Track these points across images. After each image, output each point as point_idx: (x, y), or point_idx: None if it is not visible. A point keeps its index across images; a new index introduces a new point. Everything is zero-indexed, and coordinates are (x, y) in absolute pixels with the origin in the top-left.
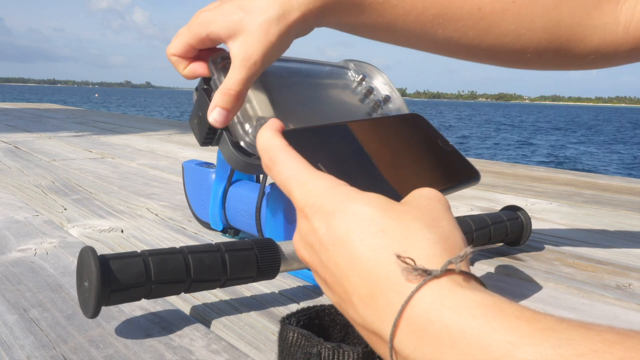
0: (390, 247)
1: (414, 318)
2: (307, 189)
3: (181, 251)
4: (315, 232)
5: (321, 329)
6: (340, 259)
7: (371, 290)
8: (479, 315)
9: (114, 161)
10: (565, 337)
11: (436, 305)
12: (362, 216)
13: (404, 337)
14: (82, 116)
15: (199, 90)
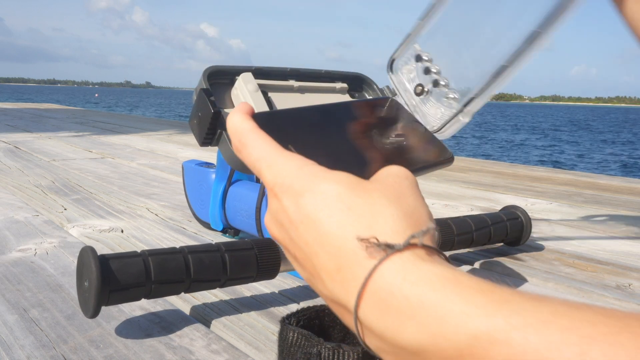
0: (356, 224)
1: (377, 290)
2: (276, 169)
3: (181, 251)
4: (284, 211)
5: (321, 329)
6: (309, 237)
7: (338, 265)
8: (438, 288)
9: (114, 161)
10: (516, 308)
11: (398, 279)
12: (329, 194)
13: (368, 309)
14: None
15: (199, 91)
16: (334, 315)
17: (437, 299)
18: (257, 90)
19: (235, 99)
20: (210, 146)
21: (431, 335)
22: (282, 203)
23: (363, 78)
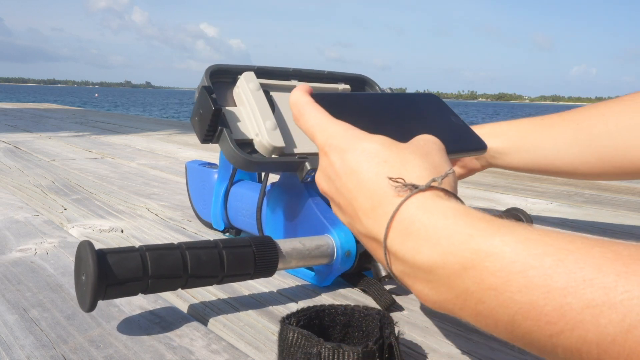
0: (389, 171)
1: (401, 221)
2: (327, 132)
3: (179, 247)
4: (332, 165)
5: (321, 329)
6: (350, 184)
7: (372, 204)
8: (449, 216)
9: (114, 161)
10: (511, 231)
11: (419, 211)
12: (369, 150)
13: (394, 237)
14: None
15: (200, 88)
16: (334, 315)
17: (448, 224)
18: (258, 89)
19: (237, 98)
20: (211, 143)
21: (441, 254)
22: (330, 159)
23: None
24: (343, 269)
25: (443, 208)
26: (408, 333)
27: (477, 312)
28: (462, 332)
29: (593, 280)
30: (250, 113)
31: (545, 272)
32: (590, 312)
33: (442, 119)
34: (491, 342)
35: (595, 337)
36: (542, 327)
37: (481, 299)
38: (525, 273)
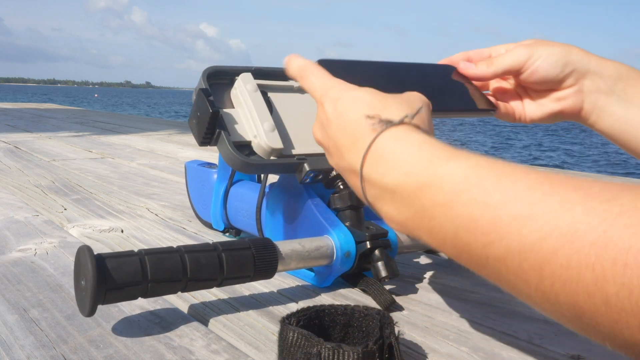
0: (369, 111)
1: (375, 150)
2: (325, 86)
3: (178, 250)
4: (325, 114)
5: (321, 329)
6: (338, 127)
7: (353, 141)
8: (415, 145)
9: (114, 161)
10: (466, 157)
11: (390, 141)
12: (356, 97)
13: (368, 164)
14: (82, 116)
15: (198, 90)
16: (334, 315)
17: (413, 151)
18: (256, 91)
19: (235, 99)
20: (209, 145)
21: (404, 174)
22: (325, 108)
23: None
24: (343, 269)
25: (411, 139)
26: (408, 333)
27: (430, 229)
28: (462, 332)
29: (523, 197)
30: (248, 115)
31: (484, 189)
32: (516, 224)
33: (454, 84)
34: (491, 343)
35: (517, 245)
36: (478, 238)
37: (433, 215)
38: (469, 191)
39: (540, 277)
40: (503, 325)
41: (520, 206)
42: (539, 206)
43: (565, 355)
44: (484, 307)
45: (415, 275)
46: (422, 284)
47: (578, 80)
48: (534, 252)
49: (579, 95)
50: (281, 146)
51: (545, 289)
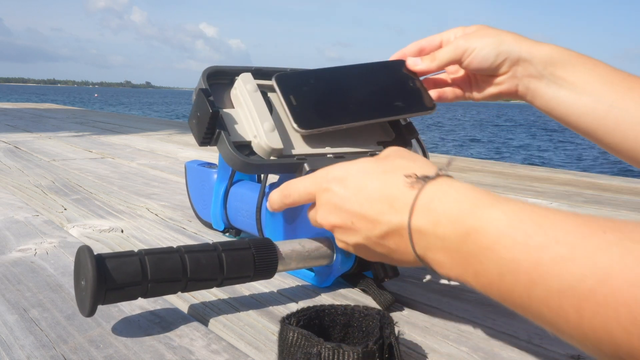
0: (392, 177)
1: (421, 203)
2: (314, 179)
3: (178, 250)
4: (336, 195)
5: (321, 329)
6: (361, 200)
7: (390, 203)
8: (460, 192)
9: (114, 161)
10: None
11: (435, 192)
12: (365, 170)
13: (417, 217)
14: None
15: (198, 91)
16: (334, 315)
17: (459, 198)
18: (256, 91)
19: (235, 99)
20: (209, 146)
21: (453, 222)
22: (333, 190)
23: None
24: (343, 269)
25: (454, 187)
26: (408, 333)
27: (476, 273)
28: (462, 332)
29: (562, 240)
30: (248, 115)
31: (527, 233)
32: (557, 265)
33: (400, 84)
34: (491, 343)
35: (558, 286)
36: (521, 280)
37: (479, 260)
38: (512, 235)
39: (580, 315)
40: (503, 325)
41: (560, 248)
42: (578, 248)
43: (565, 355)
44: (484, 307)
45: (415, 275)
46: (422, 284)
47: (511, 67)
48: (573, 292)
49: (513, 80)
50: (281, 146)
51: (584, 327)
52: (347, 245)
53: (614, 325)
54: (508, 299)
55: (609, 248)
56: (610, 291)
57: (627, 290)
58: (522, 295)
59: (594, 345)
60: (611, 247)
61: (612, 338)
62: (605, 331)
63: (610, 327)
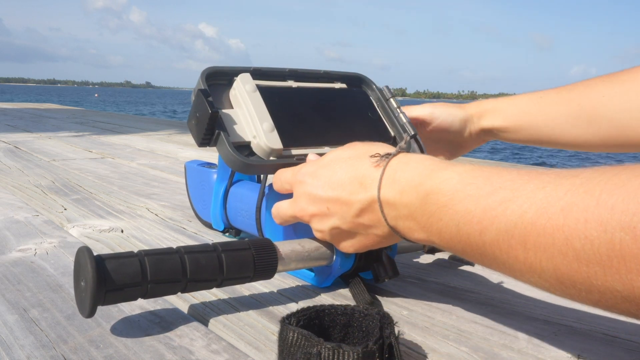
0: (359, 161)
1: (387, 177)
2: (290, 173)
3: (177, 251)
4: (310, 185)
5: (321, 329)
6: (334, 184)
7: (360, 182)
8: (419, 162)
9: (114, 161)
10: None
11: (397, 165)
12: (333, 158)
13: (384, 189)
14: (82, 116)
15: (197, 91)
16: (334, 315)
17: (418, 166)
18: (255, 91)
19: (234, 100)
20: (208, 146)
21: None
22: (306, 182)
23: (362, 78)
24: (343, 270)
25: (413, 158)
26: (408, 333)
27: (439, 231)
28: (462, 332)
29: (507, 186)
30: (247, 115)
31: (476, 185)
32: (502, 207)
33: (359, 115)
34: (491, 343)
35: (505, 225)
36: (475, 228)
37: (439, 217)
38: (464, 189)
39: (525, 249)
40: (503, 325)
41: (504, 192)
42: (519, 190)
43: (565, 355)
44: (484, 307)
45: (415, 275)
46: (422, 284)
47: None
48: (517, 228)
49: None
50: (281, 147)
51: (530, 260)
52: (324, 234)
53: (552, 250)
54: (467, 249)
55: (545, 186)
56: (547, 220)
57: (560, 216)
58: (478, 242)
59: (543, 279)
60: (547, 185)
61: (553, 264)
62: (547, 258)
63: (550, 253)
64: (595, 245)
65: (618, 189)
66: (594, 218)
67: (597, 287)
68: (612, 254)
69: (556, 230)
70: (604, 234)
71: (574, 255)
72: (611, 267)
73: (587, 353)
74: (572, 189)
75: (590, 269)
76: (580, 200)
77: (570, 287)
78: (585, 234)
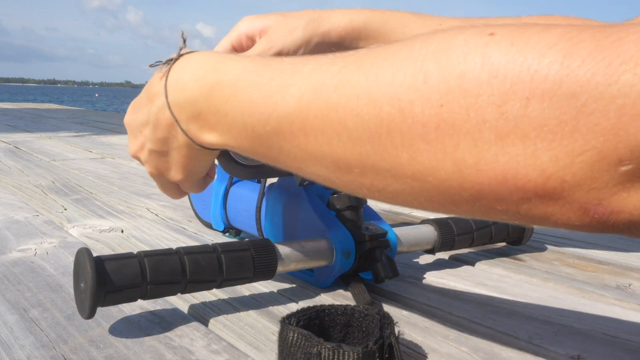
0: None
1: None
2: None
3: (177, 252)
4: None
5: (321, 329)
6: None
7: (150, 98)
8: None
9: (114, 161)
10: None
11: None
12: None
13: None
14: (82, 116)
15: None
16: (334, 315)
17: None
18: None
19: None
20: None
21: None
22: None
23: None
24: (342, 270)
25: (197, 56)
26: (408, 333)
27: (228, 128)
28: (462, 332)
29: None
30: None
31: (258, 72)
32: (282, 91)
33: None
34: (491, 343)
35: (285, 111)
36: (259, 119)
37: (225, 112)
38: (246, 78)
39: (306, 134)
40: (503, 325)
41: (284, 77)
42: (298, 73)
43: (565, 355)
44: (484, 307)
45: (415, 275)
46: (422, 284)
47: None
48: (296, 112)
49: None
50: None
51: (312, 146)
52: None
53: (330, 132)
54: (256, 145)
55: (321, 66)
56: (322, 100)
57: (333, 94)
58: (263, 134)
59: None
60: (323, 65)
61: (330, 147)
62: (325, 142)
63: (328, 136)
64: (366, 121)
65: (387, 61)
66: (364, 93)
67: (370, 168)
68: (380, 129)
69: (331, 111)
70: (372, 108)
71: (348, 135)
72: (380, 144)
73: (587, 353)
74: (346, 66)
75: (362, 148)
76: (353, 76)
77: (347, 172)
78: (357, 110)
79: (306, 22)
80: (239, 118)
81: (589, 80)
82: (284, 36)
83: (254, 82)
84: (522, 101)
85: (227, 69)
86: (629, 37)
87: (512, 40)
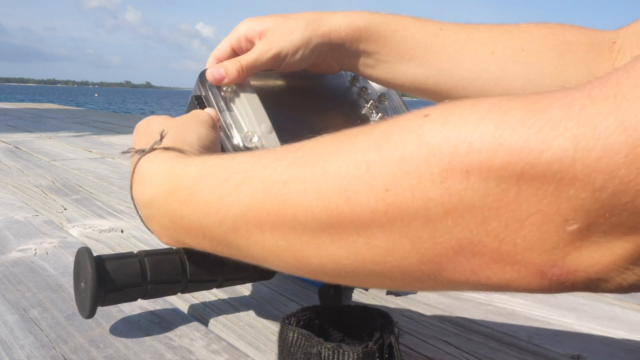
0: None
1: (136, 176)
2: None
3: (177, 252)
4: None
5: (321, 329)
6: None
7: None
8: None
9: (114, 161)
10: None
11: (144, 164)
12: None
13: (134, 189)
14: (82, 116)
15: (192, 99)
16: (334, 316)
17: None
18: (252, 92)
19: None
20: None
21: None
22: None
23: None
24: None
25: (161, 157)
26: (408, 333)
27: (187, 230)
28: (462, 332)
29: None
30: (244, 116)
31: (212, 175)
32: (236, 191)
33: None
34: (491, 343)
35: (239, 210)
36: (215, 219)
37: (182, 215)
38: (201, 181)
39: (262, 231)
40: (503, 325)
41: (237, 176)
42: (250, 171)
43: (565, 355)
44: (484, 307)
45: None
46: None
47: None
48: (251, 211)
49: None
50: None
51: (269, 242)
52: None
53: (284, 227)
54: (215, 244)
55: (271, 163)
56: (273, 197)
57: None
58: (220, 233)
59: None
60: (273, 162)
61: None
62: (281, 237)
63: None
64: (317, 214)
65: (332, 154)
66: (312, 187)
67: (328, 258)
68: (332, 220)
69: (282, 207)
70: (321, 201)
71: (302, 229)
72: (335, 234)
73: (587, 353)
74: (294, 162)
75: (319, 239)
76: (300, 172)
77: (307, 264)
78: (306, 205)
79: (306, 23)
80: (195, 220)
81: (522, 148)
82: (283, 37)
83: (208, 185)
84: (462, 175)
85: (183, 173)
86: (555, 102)
87: (445, 118)
